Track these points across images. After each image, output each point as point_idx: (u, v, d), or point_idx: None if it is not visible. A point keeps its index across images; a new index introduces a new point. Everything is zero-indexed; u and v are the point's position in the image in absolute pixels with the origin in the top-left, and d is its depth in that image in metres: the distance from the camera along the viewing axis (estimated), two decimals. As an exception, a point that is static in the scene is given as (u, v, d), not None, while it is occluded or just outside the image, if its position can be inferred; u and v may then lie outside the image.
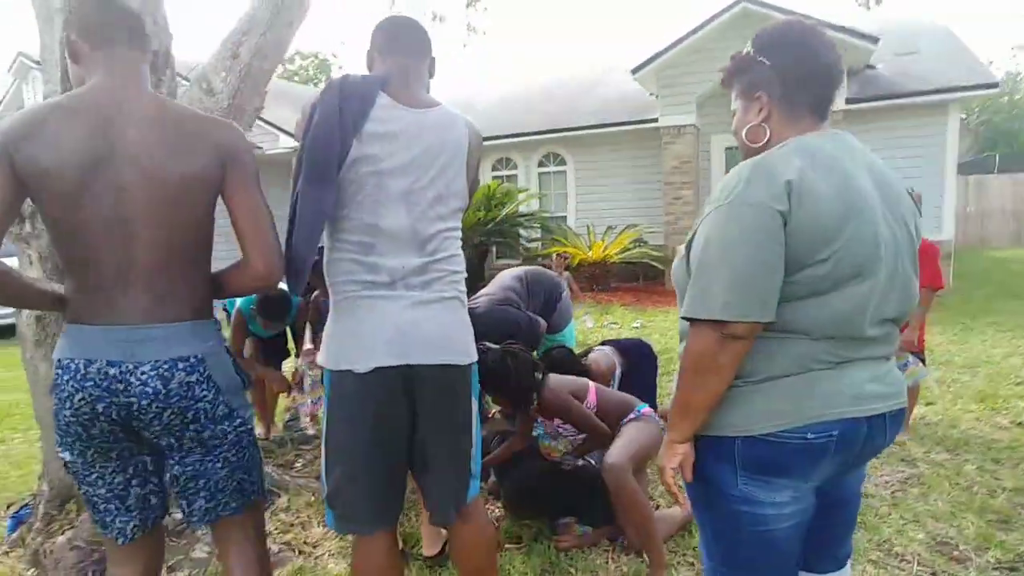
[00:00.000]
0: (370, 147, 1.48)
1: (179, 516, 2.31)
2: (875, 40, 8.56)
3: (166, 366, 1.33)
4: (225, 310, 3.69)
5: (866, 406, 1.16)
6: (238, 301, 3.42)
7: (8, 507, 2.67)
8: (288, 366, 4.03)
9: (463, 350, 1.60)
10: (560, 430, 2.53)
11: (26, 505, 2.46)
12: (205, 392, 1.38)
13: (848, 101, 8.75)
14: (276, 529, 2.41)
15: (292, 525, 2.46)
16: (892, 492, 2.85)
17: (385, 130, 1.49)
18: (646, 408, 2.53)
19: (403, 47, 1.61)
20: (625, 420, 2.45)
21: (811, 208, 1.09)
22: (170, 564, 2.19)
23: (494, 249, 11.19)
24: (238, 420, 1.46)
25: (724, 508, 1.24)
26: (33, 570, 2.17)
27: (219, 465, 1.45)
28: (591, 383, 2.57)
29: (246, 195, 1.41)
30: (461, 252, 1.65)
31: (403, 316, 1.50)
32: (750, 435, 1.17)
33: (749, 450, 1.18)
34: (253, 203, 1.42)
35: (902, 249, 1.18)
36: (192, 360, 1.36)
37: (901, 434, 3.44)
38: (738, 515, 1.22)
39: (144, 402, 1.32)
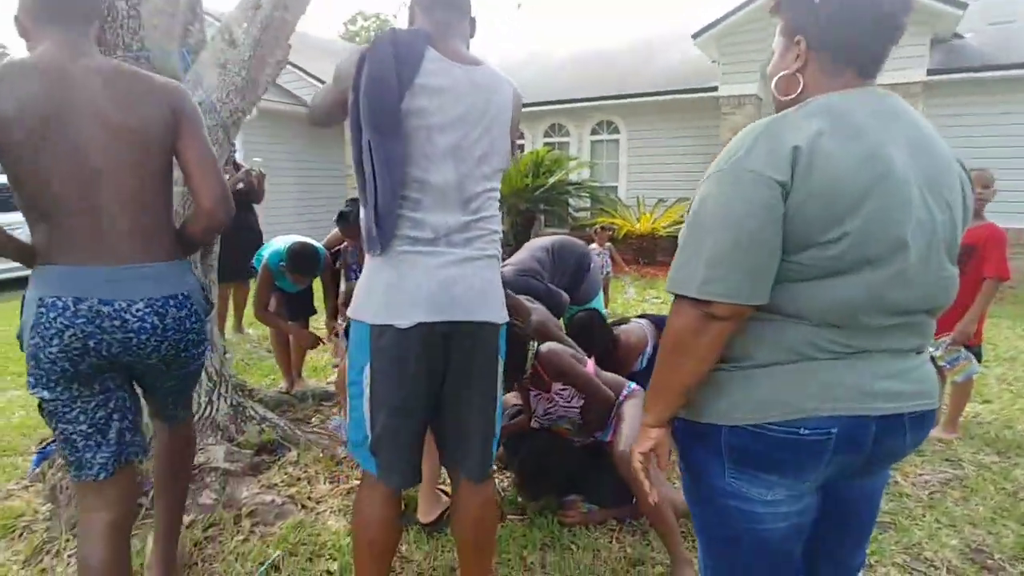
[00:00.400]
0: (421, 100, 1.47)
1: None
2: (963, 5, 7.83)
3: (159, 303, 1.49)
4: (252, 266, 3.73)
5: (875, 404, 1.02)
6: (265, 256, 3.45)
7: (41, 443, 2.80)
8: (319, 322, 4.07)
9: (500, 309, 1.61)
10: (557, 398, 2.45)
11: (52, 442, 2.57)
12: (194, 324, 1.58)
13: (930, 72, 8.07)
14: (282, 482, 2.44)
15: (299, 479, 2.49)
16: (930, 493, 2.66)
17: (436, 84, 1.48)
18: (635, 386, 2.46)
19: (445, 3, 1.60)
20: (621, 399, 2.38)
21: (821, 180, 0.95)
22: (178, 508, 2.25)
23: (542, 218, 11.04)
24: (205, 343, 1.69)
25: (713, 502, 1.14)
26: (49, 505, 2.27)
27: (189, 383, 1.74)
28: (590, 361, 2.49)
29: (195, 144, 1.55)
30: (499, 213, 1.65)
31: (445, 272, 1.49)
32: (737, 425, 1.06)
33: (736, 441, 1.07)
34: (201, 151, 1.56)
35: (939, 235, 1.02)
36: (180, 297, 1.54)
37: (949, 433, 3.21)
38: (727, 510, 1.12)
39: (143, 336, 1.47)
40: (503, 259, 1.71)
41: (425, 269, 1.49)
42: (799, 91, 1.08)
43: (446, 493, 2.30)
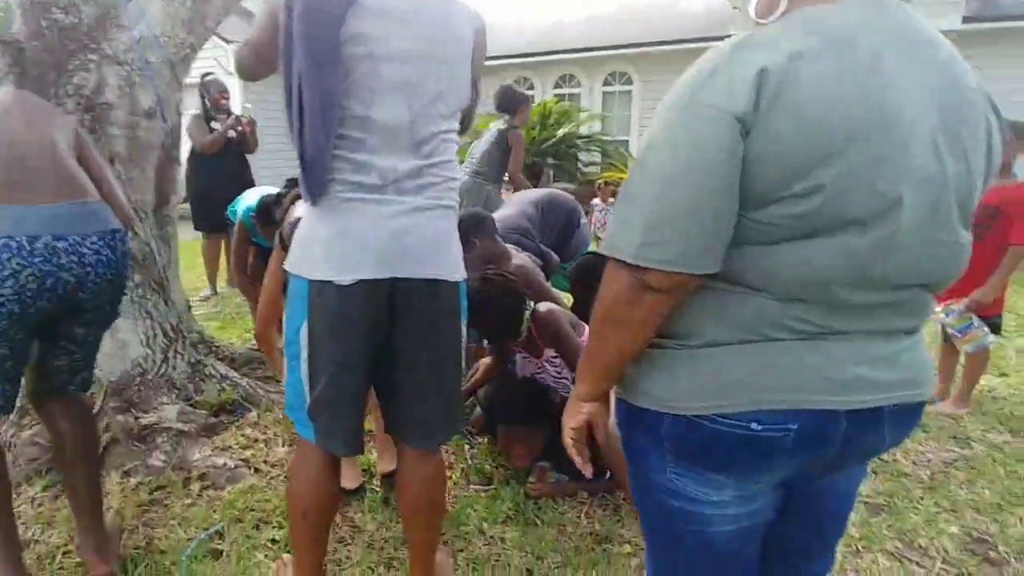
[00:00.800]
0: (365, 23, 1.28)
1: (145, 421, 2.25)
2: (1011, -54, 7.26)
3: (110, 236, 1.54)
4: (228, 219, 3.56)
5: (847, 396, 0.83)
6: (239, 212, 3.27)
7: None
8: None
9: (455, 265, 1.44)
10: (548, 366, 2.29)
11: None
12: (129, 261, 1.66)
13: (965, 20, 7.54)
14: (237, 444, 2.32)
15: (256, 441, 2.36)
16: (932, 474, 2.47)
17: (383, 5, 1.29)
18: None
19: None
20: None
21: (792, 115, 0.73)
22: (126, 469, 2.14)
23: (550, 172, 10.71)
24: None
25: (653, 496, 0.97)
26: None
27: (102, 334, 1.71)
28: (586, 327, 2.31)
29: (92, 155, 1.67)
30: (457, 157, 1.48)
31: (395, 223, 1.34)
32: (679, 414, 0.87)
33: (677, 433, 0.89)
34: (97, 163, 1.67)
35: (951, 192, 0.79)
36: (121, 232, 1.59)
37: (959, 407, 3.00)
38: (668, 509, 0.95)
39: (100, 270, 1.51)
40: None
41: (373, 218, 1.33)
42: (780, 10, 0.83)
43: None
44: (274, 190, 3.29)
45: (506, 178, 4.23)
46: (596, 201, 7.51)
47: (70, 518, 1.80)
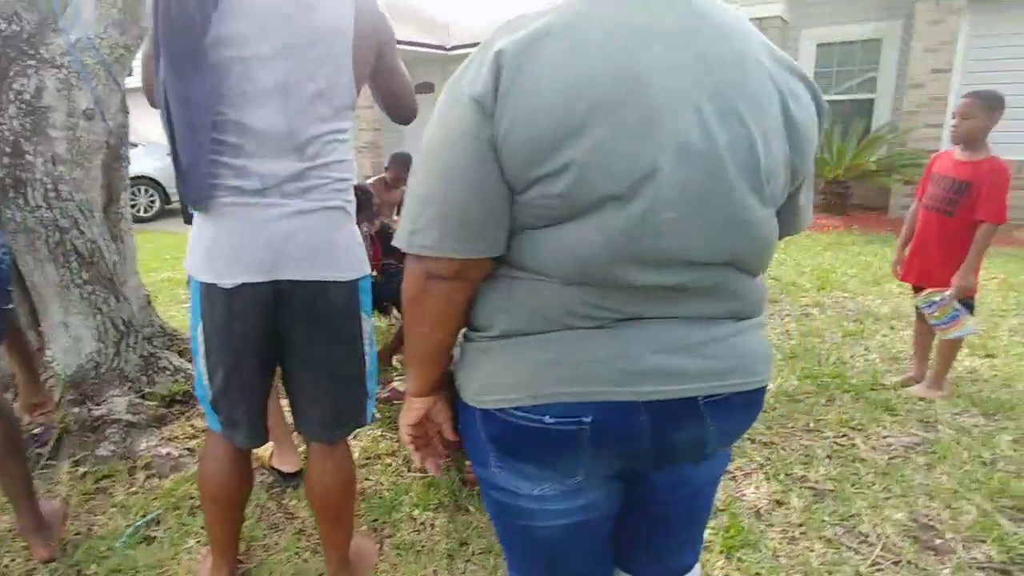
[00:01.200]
0: (233, 23, 1.25)
1: (97, 413, 2.33)
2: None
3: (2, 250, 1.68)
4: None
5: (642, 387, 0.80)
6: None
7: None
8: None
9: (344, 264, 1.43)
10: None
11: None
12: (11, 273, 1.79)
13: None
14: (184, 434, 2.38)
15: (203, 431, 2.41)
16: (890, 458, 2.40)
17: (248, 5, 1.25)
18: None
19: None
20: None
21: (531, 89, 0.71)
22: (76, 459, 2.21)
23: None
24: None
25: (486, 491, 0.96)
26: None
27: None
28: None
29: None
30: (351, 157, 1.45)
31: (275, 227, 1.34)
32: (485, 408, 0.86)
33: (488, 427, 0.87)
34: None
35: (726, 161, 0.75)
36: (9, 245, 1.78)
37: (932, 391, 2.90)
38: (497, 503, 0.94)
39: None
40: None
41: (255, 223, 1.33)
42: None
43: None
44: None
45: None
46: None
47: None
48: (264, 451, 2.21)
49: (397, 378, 3.15)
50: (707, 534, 1.90)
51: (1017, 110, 4.32)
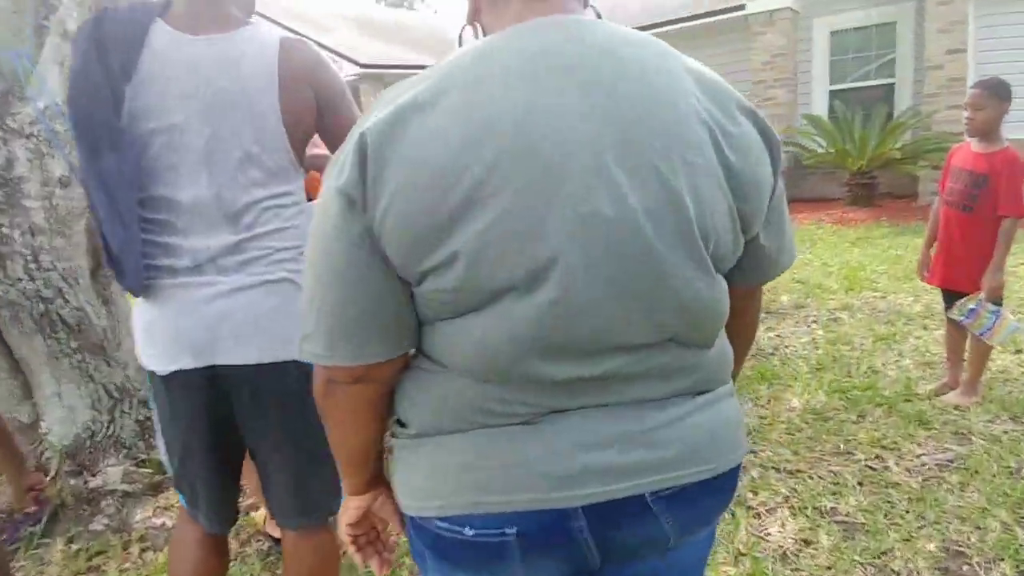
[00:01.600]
0: (145, 97, 1.18)
1: (93, 484, 2.29)
2: None
3: None
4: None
5: (572, 491, 0.69)
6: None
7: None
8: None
9: (291, 342, 1.32)
10: None
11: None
12: None
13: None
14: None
15: (201, 496, 2.36)
16: (924, 480, 2.24)
17: (166, 72, 1.18)
18: None
19: None
20: None
21: (400, 175, 0.62)
22: (71, 535, 2.17)
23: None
24: None
25: None
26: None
27: None
28: None
29: None
30: (297, 223, 1.30)
31: (209, 308, 1.24)
32: (411, 514, 0.78)
33: (418, 532, 0.78)
34: None
35: (647, 228, 0.64)
36: None
37: (967, 397, 2.71)
38: None
39: None
40: None
41: (188, 304, 1.24)
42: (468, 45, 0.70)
43: None
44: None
45: None
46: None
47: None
48: (259, 516, 2.14)
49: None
50: (725, 584, 1.77)
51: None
